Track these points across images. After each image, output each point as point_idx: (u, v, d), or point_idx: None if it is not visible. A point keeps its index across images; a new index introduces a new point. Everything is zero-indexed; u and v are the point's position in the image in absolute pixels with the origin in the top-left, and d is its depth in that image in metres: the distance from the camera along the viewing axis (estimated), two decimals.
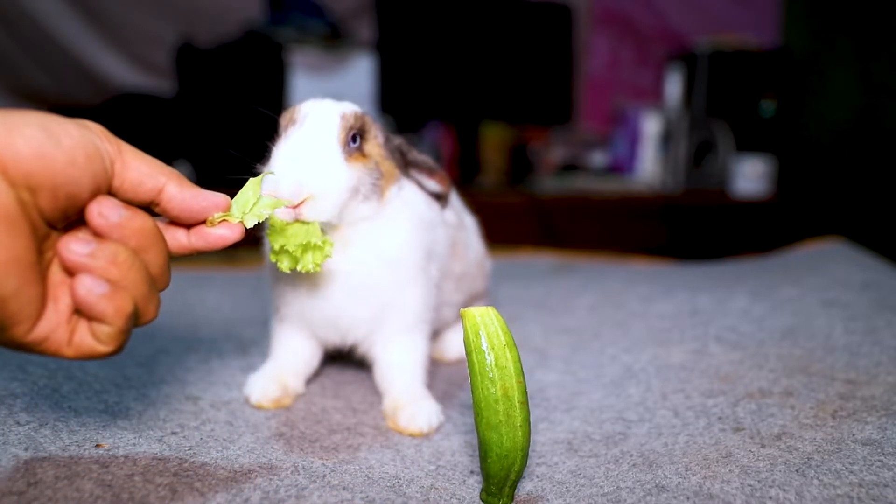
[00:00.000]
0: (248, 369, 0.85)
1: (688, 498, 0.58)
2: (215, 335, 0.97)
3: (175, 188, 0.54)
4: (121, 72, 2.81)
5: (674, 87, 3.07)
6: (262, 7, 2.79)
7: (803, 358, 0.84)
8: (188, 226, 0.57)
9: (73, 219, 0.51)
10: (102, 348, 0.51)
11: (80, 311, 0.50)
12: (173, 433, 0.66)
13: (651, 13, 3.37)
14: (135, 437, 0.64)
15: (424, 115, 0.74)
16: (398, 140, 0.79)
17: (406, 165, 0.79)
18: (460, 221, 0.89)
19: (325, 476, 0.60)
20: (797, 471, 0.61)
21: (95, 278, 0.49)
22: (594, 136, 3.34)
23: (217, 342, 0.94)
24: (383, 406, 0.77)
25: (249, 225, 0.59)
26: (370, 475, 0.62)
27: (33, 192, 0.46)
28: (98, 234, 0.50)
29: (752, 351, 0.87)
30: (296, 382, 0.80)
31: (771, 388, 0.77)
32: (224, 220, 0.57)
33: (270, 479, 0.59)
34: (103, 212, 0.50)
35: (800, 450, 0.64)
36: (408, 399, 0.76)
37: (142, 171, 0.52)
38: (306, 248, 0.65)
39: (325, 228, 0.70)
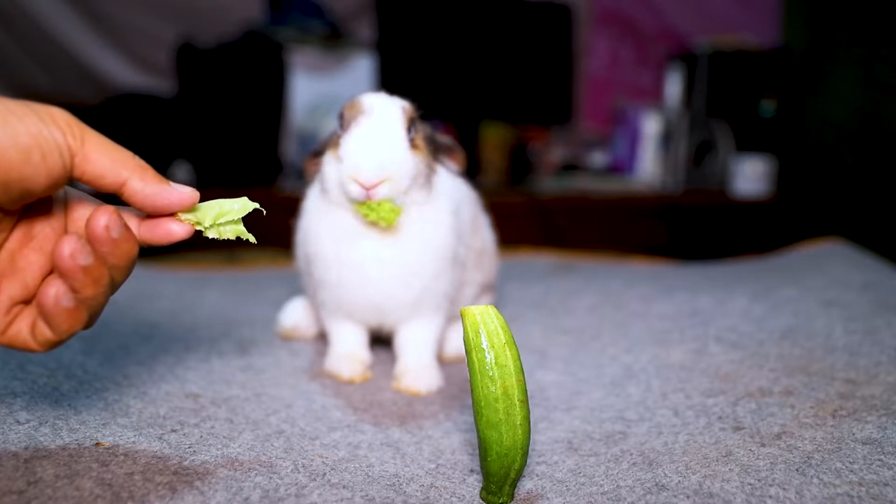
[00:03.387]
0: (248, 368, 0.85)
1: (688, 497, 0.58)
2: (215, 335, 0.97)
3: (138, 183, 0.52)
4: (121, 72, 2.81)
5: (674, 86, 3.07)
6: (262, 7, 2.79)
7: (803, 358, 0.84)
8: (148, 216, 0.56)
9: (27, 203, 0.50)
10: (35, 347, 0.52)
11: (38, 309, 0.50)
12: (173, 431, 0.66)
13: (651, 13, 3.37)
14: (135, 435, 0.64)
15: (424, 115, 0.75)
16: (429, 128, 0.84)
17: (435, 150, 0.84)
18: (477, 196, 0.97)
19: (324, 474, 0.60)
20: (797, 470, 0.61)
21: (67, 290, 0.49)
22: (594, 136, 3.34)
23: (217, 342, 0.94)
24: (394, 369, 0.86)
25: (209, 236, 0.59)
26: (370, 473, 0.62)
27: None
28: (89, 239, 0.50)
29: (752, 351, 0.87)
30: (365, 355, 0.89)
31: (771, 387, 0.77)
32: (188, 222, 0.56)
33: (270, 478, 0.59)
34: (110, 226, 0.50)
35: (800, 449, 0.64)
36: (415, 365, 0.85)
37: (103, 165, 0.50)
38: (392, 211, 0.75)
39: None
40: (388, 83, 2.67)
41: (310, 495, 0.56)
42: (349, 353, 0.87)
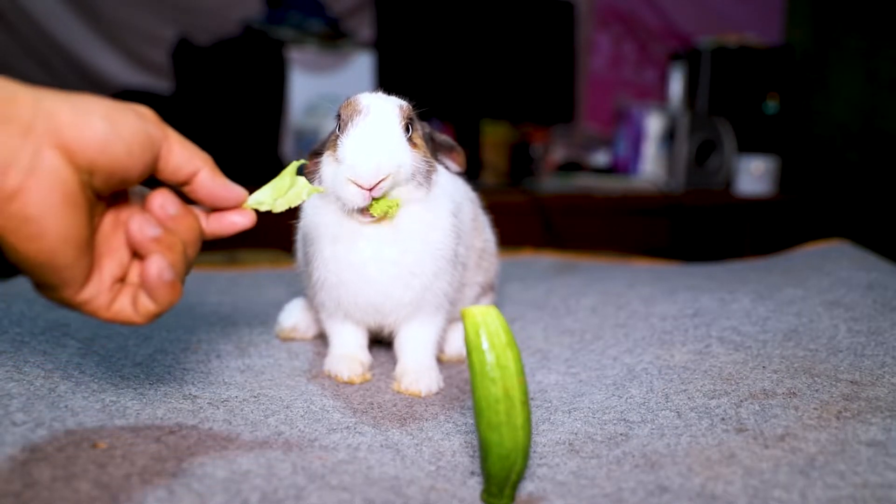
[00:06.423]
0: (247, 369, 0.85)
1: (690, 499, 0.57)
2: (214, 335, 0.96)
3: (207, 175, 0.59)
4: (119, 70, 2.81)
5: (676, 85, 3.06)
6: (261, 6, 2.78)
7: (807, 359, 0.83)
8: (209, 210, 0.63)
9: (119, 190, 0.57)
10: (138, 319, 0.58)
11: (142, 283, 0.56)
12: (171, 432, 0.65)
13: (653, 11, 3.36)
14: (132, 437, 0.63)
15: (424, 114, 0.74)
16: (427, 127, 0.84)
17: (434, 149, 0.84)
18: (477, 196, 0.97)
19: (324, 476, 0.60)
20: (801, 472, 0.60)
21: (169, 264, 0.55)
22: (596, 135, 3.33)
23: (216, 342, 0.94)
24: (395, 371, 0.86)
25: (280, 209, 0.66)
26: (370, 475, 0.61)
27: (91, 175, 0.51)
28: (154, 218, 0.56)
29: (755, 351, 0.86)
30: (365, 357, 0.88)
31: (774, 388, 0.76)
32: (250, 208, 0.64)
33: (269, 480, 0.58)
34: (164, 204, 0.56)
35: (803, 451, 0.64)
36: (414, 366, 0.84)
37: (183, 156, 0.57)
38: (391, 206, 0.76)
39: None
40: (387, 82, 2.67)
41: (309, 497, 0.56)
42: (348, 354, 0.87)
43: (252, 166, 2.49)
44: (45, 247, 0.50)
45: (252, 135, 2.50)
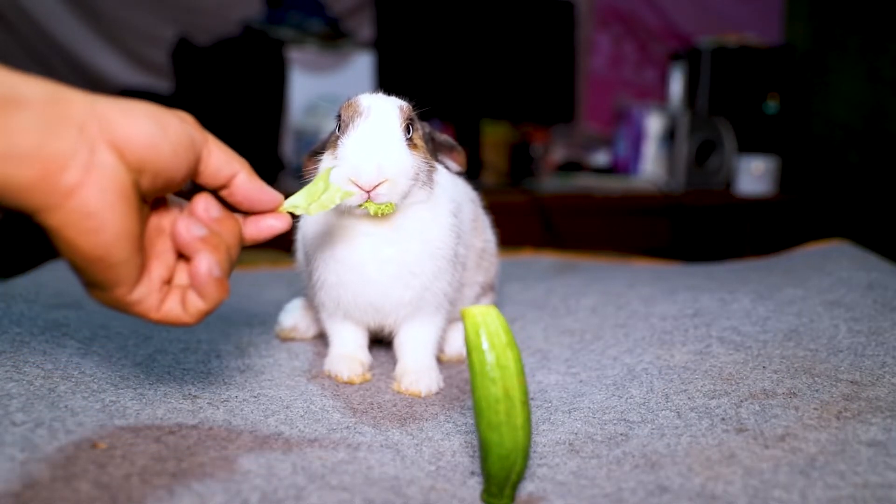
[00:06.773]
0: (247, 369, 0.85)
1: (690, 499, 0.57)
2: (214, 335, 0.96)
3: (245, 178, 0.61)
4: (119, 70, 2.81)
5: (676, 85, 3.06)
6: (261, 6, 2.78)
7: (807, 359, 0.83)
8: (245, 214, 0.64)
9: (163, 194, 0.58)
10: (187, 319, 0.58)
11: (192, 282, 0.57)
12: (171, 432, 0.65)
13: (654, 11, 3.36)
14: (132, 437, 0.63)
15: (424, 114, 0.75)
16: (427, 127, 0.84)
17: (434, 149, 0.84)
18: (478, 196, 0.97)
19: (324, 476, 0.60)
20: (801, 472, 0.60)
21: (217, 261, 0.56)
22: (596, 135, 3.33)
23: (216, 342, 0.94)
24: (395, 371, 0.86)
25: (314, 213, 0.67)
26: (370, 475, 0.61)
27: (140, 174, 0.52)
28: (197, 220, 0.58)
29: (755, 352, 0.86)
30: (365, 357, 0.88)
31: (774, 388, 0.76)
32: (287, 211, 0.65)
33: (269, 480, 0.58)
34: (208, 208, 0.59)
35: (804, 451, 0.64)
36: (414, 367, 0.84)
37: (222, 159, 0.59)
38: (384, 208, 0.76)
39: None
40: (387, 82, 2.67)
41: (309, 497, 0.56)
42: (348, 354, 0.87)
43: (252, 166, 2.49)
44: (102, 241, 0.51)
45: (252, 135, 2.50)
